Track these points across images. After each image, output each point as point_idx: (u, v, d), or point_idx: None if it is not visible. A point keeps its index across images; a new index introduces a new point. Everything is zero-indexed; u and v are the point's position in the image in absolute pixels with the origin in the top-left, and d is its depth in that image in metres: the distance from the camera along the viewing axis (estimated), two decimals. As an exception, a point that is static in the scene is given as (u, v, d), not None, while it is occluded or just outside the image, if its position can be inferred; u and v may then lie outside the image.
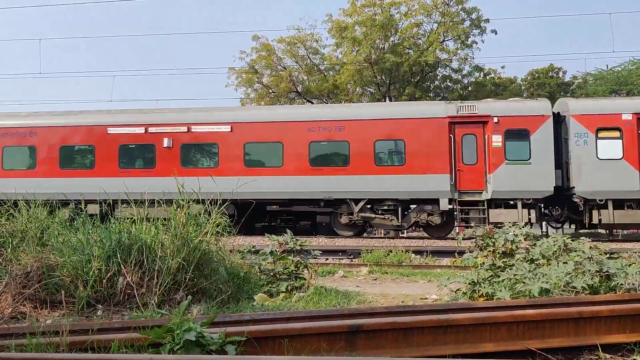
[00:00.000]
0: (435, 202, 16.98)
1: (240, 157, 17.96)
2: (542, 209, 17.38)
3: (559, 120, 17.07)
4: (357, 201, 17.31)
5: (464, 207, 16.93)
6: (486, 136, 16.86)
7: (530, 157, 16.53)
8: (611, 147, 16.47)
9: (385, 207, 17.36)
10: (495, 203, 16.80)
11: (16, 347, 3.56)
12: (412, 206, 17.58)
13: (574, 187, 16.43)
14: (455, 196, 16.80)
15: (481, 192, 16.78)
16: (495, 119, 16.82)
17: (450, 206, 16.81)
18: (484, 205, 16.76)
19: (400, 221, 17.23)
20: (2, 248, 7.22)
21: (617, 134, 16.50)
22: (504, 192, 16.62)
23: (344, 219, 17.59)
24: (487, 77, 35.52)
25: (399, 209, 17.25)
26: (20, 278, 5.90)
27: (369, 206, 17.40)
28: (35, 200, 8.39)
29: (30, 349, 3.55)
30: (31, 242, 6.95)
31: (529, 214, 16.61)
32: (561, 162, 16.94)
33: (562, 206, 17.43)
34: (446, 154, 16.82)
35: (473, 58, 33.51)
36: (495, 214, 16.60)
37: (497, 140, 16.77)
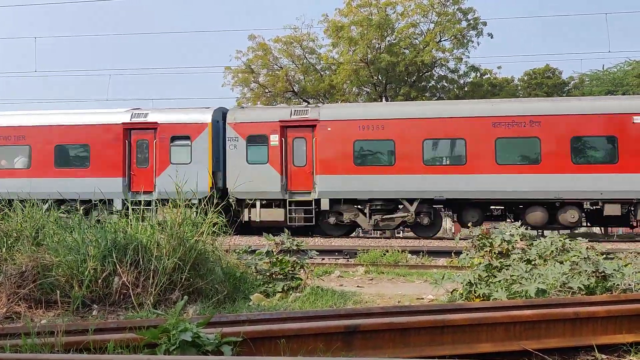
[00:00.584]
0: None
1: None
2: None
3: None
4: None
5: None
6: None
7: None
8: None
9: None
10: None
11: (11, 347, 3.54)
12: None
13: None
14: None
15: None
16: None
17: None
18: None
19: None
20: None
21: None
22: None
23: None
24: (484, 78, 35.54)
25: None
26: (15, 278, 5.87)
27: None
28: None
29: (25, 349, 3.52)
30: (26, 242, 6.91)
31: None
32: None
33: None
34: None
35: (468, 57, 33.59)
36: None
37: None
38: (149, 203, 15.03)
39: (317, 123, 17.65)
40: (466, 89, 34.25)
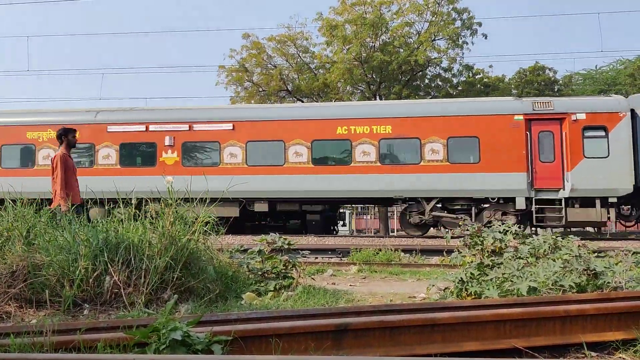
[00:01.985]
0: None
1: None
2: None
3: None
4: None
5: None
6: None
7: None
8: None
9: None
10: None
11: (-1, 347, 3.52)
12: None
13: None
14: None
15: None
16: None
17: None
18: None
19: None
20: (-12, 247, 7.13)
21: None
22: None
23: None
24: (477, 77, 35.58)
25: None
26: (6, 277, 5.84)
27: None
28: None
29: (13, 349, 3.50)
30: (17, 241, 6.87)
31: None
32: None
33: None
34: None
35: (462, 58, 33.66)
36: None
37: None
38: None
39: None
40: (460, 88, 34.31)
